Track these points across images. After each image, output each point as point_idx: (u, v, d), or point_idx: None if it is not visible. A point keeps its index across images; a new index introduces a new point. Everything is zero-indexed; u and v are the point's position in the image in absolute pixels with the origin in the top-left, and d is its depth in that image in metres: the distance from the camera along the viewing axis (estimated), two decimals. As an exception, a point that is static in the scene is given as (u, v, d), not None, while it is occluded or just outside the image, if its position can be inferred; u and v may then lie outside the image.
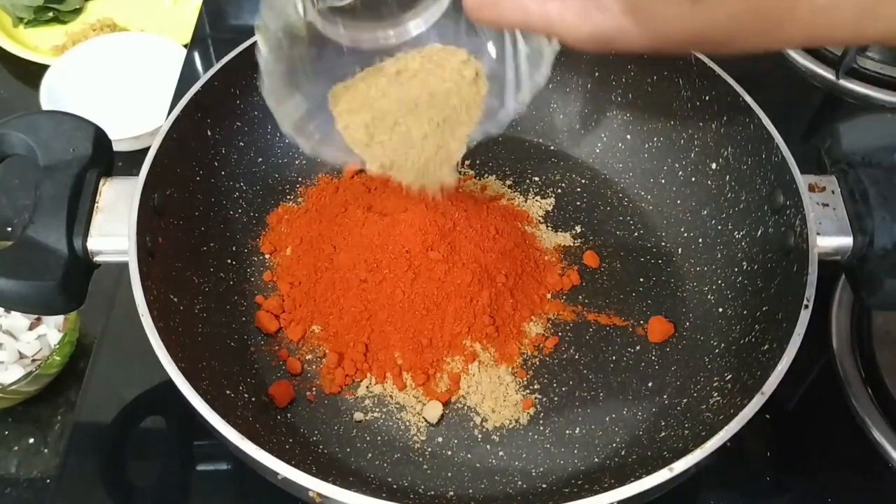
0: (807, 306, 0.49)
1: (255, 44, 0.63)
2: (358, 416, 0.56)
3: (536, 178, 0.71)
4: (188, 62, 0.88)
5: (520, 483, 0.54)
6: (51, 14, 1.04)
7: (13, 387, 0.65)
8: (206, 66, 0.83)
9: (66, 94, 0.92)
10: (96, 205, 0.53)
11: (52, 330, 0.70)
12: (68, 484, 0.56)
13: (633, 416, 0.57)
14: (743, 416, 0.46)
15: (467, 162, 0.72)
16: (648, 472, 0.44)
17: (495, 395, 0.57)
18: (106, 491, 0.56)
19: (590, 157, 0.72)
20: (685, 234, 0.66)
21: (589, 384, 0.59)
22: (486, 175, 0.71)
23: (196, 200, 0.62)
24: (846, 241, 0.53)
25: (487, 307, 0.59)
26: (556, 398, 0.58)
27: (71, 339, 0.69)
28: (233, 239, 0.64)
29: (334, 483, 0.42)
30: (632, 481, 0.43)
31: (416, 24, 0.51)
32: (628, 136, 0.71)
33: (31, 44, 1.01)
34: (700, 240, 0.65)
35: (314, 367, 0.59)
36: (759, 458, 0.58)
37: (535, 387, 0.58)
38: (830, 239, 0.53)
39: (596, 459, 0.55)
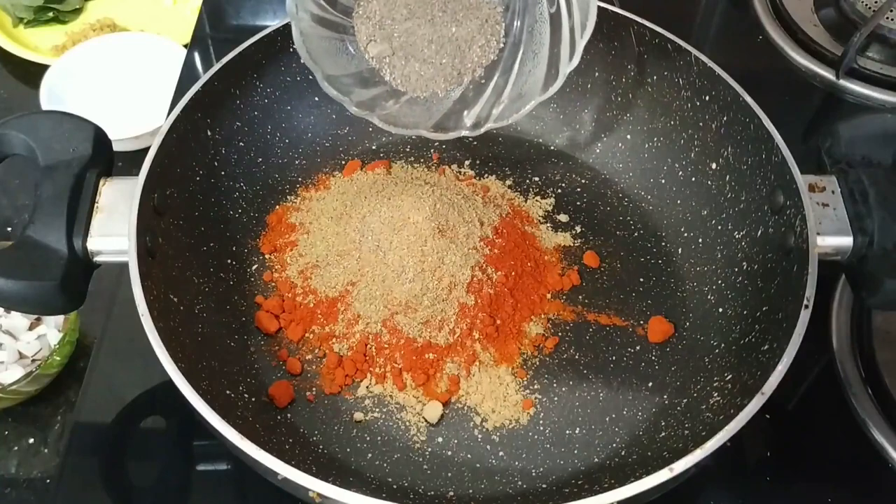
0: (807, 306, 0.49)
1: (254, 44, 0.64)
2: (358, 416, 0.56)
3: (536, 178, 0.71)
4: (188, 62, 0.88)
5: (520, 483, 0.54)
6: (51, 14, 1.04)
7: (13, 387, 0.65)
8: (206, 66, 0.83)
9: (66, 94, 0.92)
10: (96, 205, 0.53)
11: (52, 330, 0.70)
12: (68, 484, 0.56)
13: (633, 416, 0.57)
14: (743, 416, 0.46)
15: (467, 162, 0.72)
16: (648, 473, 0.44)
17: (495, 395, 0.57)
18: (106, 491, 0.56)
19: (590, 157, 0.72)
20: (685, 234, 0.66)
21: (589, 384, 0.59)
22: (486, 175, 0.71)
23: (196, 200, 0.62)
24: (846, 241, 0.54)
25: (487, 307, 0.59)
26: (556, 398, 0.58)
27: (71, 339, 0.69)
28: (233, 239, 0.64)
29: (334, 483, 0.42)
30: (632, 481, 0.43)
31: None
32: (628, 136, 0.71)
33: (31, 44, 1.01)
34: (700, 240, 0.65)
35: (314, 367, 0.59)
36: (759, 458, 0.58)
37: (536, 387, 0.58)
38: (830, 239, 0.53)
39: (596, 459, 0.55)
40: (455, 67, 0.55)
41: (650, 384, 0.59)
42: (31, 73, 0.95)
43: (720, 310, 0.60)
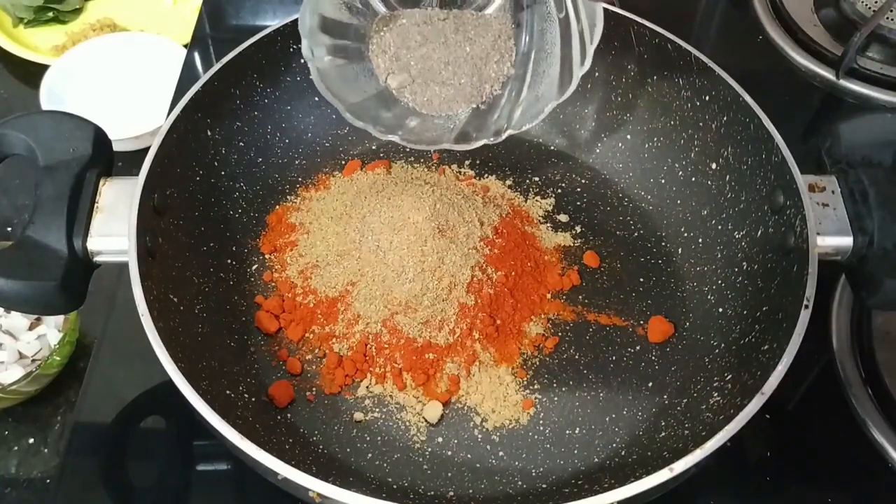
0: (807, 306, 0.49)
1: (254, 44, 0.64)
2: (358, 416, 0.56)
3: (536, 178, 0.71)
4: (188, 62, 0.88)
5: (520, 483, 0.54)
6: (51, 14, 1.04)
7: (13, 387, 0.65)
8: (206, 66, 0.83)
9: (66, 94, 0.92)
10: (96, 205, 0.53)
11: (52, 330, 0.70)
12: (68, 484, 0.56)
13: (634, 416, 0.57)
14: (743, 416, 0.46)
15: (467, 162, 0.72)
16: (648, 473, 0.44)
17: (495, 395, 0.57)
18: (106, 491, 0.56)
19: (590, 157, 0.72)
20: (685, 234, 0.66)
21: (589, 384, 0.59)
22: (486, 175, 0.71)
23: (196, 200, 0.62)
24: (846, 241, 0.54)
25: (487, 307, 0.59)
26: (556, 398, 0.58)
27: (71, 339, 0.69)
28: (233, 239, 0.64)
29: (334, 483, 0.42)
30: (632, 481, 0.43)
31: None
32: (628, 136, 0.71)
33: (31, 44, 1.01)
34: (700, 240, 0.65)
35: (314, 367, 0.59)
36: (759, 458, 0.58)
37: (536, 387, 0.58)
38: (830, 239, 0.53)
39: (596, 459, 0.55)
40: (474, 86, 0.56)
41: (650, 384, 0.59)
42: (31, 73, 0.95)
43: (720, 310, 0.60)
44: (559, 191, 0.70)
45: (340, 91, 0.54)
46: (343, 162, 0.71)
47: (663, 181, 0.69)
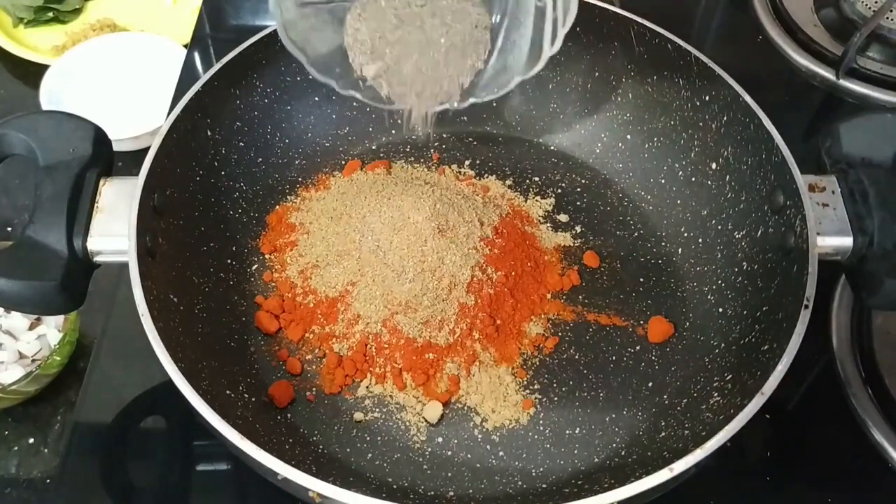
0: (807, 306, 0.49)
1: (254, 44, 0.64)
2: (358, 416, 0.56)
3: (536, 179, 0.71)
4: (188, 62, 0.88)
5: (520, 483, 0.54)
6: (51, 14, 1.04)
7: (13, 387, 0.65)
8: (206, 66, 0.83)
9: (66, 95, 0.92)
10: (96, 205, 0.53)
11: (52, 330, 0.70)
12: (68, 484, 0.56)
13: (633, 416, 0.57)
14: (743, 416, 0.46)
15: (467, 162, 0.72)
16: (648, 473, 0.44)
17: (495, 395, 0.57)
18: (106, 491, 0.56)
19: (590, 157, 0.72)
20: (685, 234, 0.66)
21: (589, 384, 0.59)
22: (486, 175, 0.71)
23: (196, 200, 0.62)
24: (846, 241, 0.54)
25: (487, 307, 0.59)
26: (556, 398, 0.58)
27: (71, 339, 0.69)
28: (233, 239, 0.64)
29: (334, 483, 0.42)
30: (632, 481, 0.43)
31: None
32: (628, 136, 0.71)
33: (31, 44, 1.01)
34: (700, 240, 0.65)
35: (314, 367, 0.59)
36: (759, 459, 0.58)
37: (535, 387, 0.58)
38: (830, 239, 0.53)
39: (596, 459, 0.55)
40: (449, 73, 0.55)
41: (650, 384, 0.59)
42: (31, 73, 0.95)
43: (720, 310, 0.60)
44: (559, 191, 0.70)
45: (308, 40, 0.53)
46: (343, 162, 0.71)
47: (663, 181, 0.69)
